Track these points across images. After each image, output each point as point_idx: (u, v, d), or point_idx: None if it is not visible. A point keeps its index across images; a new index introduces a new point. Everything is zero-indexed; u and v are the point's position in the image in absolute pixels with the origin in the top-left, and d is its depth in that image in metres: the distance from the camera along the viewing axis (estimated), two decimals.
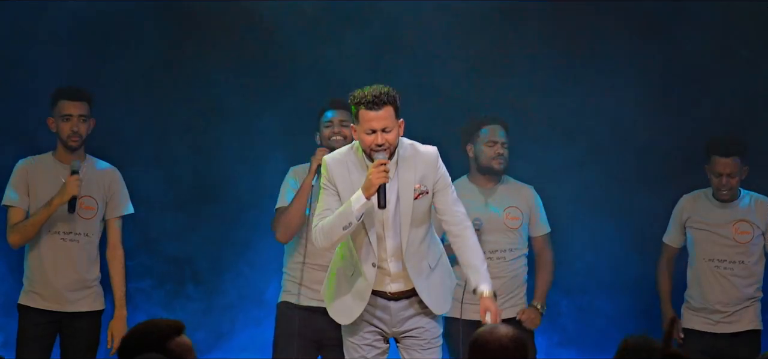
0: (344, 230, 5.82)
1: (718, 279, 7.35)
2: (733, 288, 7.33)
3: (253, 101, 8.06)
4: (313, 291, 7.02)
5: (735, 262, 7.35)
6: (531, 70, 8.09)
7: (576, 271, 8.06)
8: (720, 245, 7.34)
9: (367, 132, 5.82)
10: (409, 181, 5.92)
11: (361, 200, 5.79)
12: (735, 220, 7.36)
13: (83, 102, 6.97)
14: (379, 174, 5.76)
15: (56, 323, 6.92)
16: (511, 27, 8.08)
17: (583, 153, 8.02)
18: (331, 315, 6.14)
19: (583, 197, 7.99)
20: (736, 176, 7.32)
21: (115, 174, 7.09)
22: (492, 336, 4.48)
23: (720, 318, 7.35)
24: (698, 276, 7.39)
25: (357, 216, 5.79)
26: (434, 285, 6.04)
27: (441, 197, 5.99)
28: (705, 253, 7.37)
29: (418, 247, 5.97)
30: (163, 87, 8.04)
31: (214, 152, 8.08)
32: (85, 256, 6.95)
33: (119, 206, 7.06)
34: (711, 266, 7.35)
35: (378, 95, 5.81)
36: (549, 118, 8.08)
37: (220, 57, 8.04)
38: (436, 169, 5.97)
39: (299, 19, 8.02)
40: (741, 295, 7.34)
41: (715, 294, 7.34)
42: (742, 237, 7.35)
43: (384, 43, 7.98)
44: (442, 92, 8.03)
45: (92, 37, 7.92)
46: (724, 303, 7.33)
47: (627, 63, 8.02)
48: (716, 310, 7.34)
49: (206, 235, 8.06)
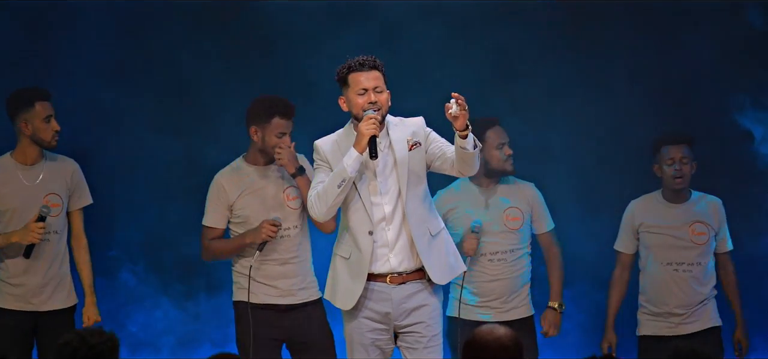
0: (339, 187, 5.87)
1: (677, 281, 7.33)
2: (691, 290, 7.32)
3: (246, 97, 7.95)
4: (268, 287, 6.86)
5: (693, 264, 7.33)
6: (532, 71, 8.12)
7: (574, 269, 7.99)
8: (677, 249, 7.34)
9: (358, 93, 5.94)
10: (400, 138, 6.00)
11: (352, 155, 5.86)
12: (691, 221, 7.36)
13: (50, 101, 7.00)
14: (368, 125, 5.85)
15: (31, 322, 6.91)
16: (513, 26, 8.11)
17: (584, 154, 8.07)
18: (336, 303, 6.10)
19: (584, 197, 8.04)
20: (687, 163, 7.34)
21: (75, 166, 7.09)
22: (491, 336, 4.49)
23: (680, 321, 7.34)
24: (655, 281, 7.37)
25: (350, 170, 5.85)
26: (436, 252, 6.04)
27: (435, 142, 6.05)
28: (662, 257, 7.35)
29: (419, 205, 5.99)
30: (155, 81, 8.08)
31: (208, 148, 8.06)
32: (55, 253, 6.95)
33: (81, 197, 7.08)
34: (669, 269, 7.34)
35: (365, 58, 5.97)
36: (550, 118, 8.11)
37: (215, 54, 8.09)
38: (425, 127, 6.07)
39: (299, 18, 8.06)
40: (699, 296, 7.34)
41: (675, 297, 7.33)
42: (698, 238, 7.35)
43: (383, 43, 7.98)
44: (443, 92, 7.95)
45: (90, 33, 7.98)
46: (684, 306, 7.33)
47: (628, 63, 8.08)
48: (675, 313, 7.34)
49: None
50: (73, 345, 4.39)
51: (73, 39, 7.95)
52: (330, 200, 5.90)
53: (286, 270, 6.88)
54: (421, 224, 5.99)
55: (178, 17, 8.04)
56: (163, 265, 8.10)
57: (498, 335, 4.49)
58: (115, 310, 7.92)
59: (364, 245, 5.96)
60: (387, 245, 5.98)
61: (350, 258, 6.02)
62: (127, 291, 8.08)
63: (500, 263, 7.30)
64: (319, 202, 5.93)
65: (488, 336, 4.50)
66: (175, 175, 8.06)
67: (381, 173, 5.96)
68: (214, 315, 8.07)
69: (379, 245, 5.97)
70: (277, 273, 6.83)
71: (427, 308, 6.02)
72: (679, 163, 7.32)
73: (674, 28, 8.07)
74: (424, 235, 5.99)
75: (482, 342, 4.48)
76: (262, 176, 6.93)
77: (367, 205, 5.95)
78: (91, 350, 4.38)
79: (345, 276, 6.02)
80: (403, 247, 5.98)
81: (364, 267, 5.97)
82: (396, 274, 5.99)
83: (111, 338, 4.44)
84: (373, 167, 5.96)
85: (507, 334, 4.50)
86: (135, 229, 8.06)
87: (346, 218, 6.03)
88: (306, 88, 7.88)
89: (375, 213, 5.96)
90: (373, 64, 5.96)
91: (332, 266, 6.11)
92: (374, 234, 5.95)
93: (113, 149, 8.02)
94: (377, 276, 5.99)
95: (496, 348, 4.45)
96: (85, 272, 7.08)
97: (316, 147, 6.07)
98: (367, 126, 5.85)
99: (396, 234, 5.97)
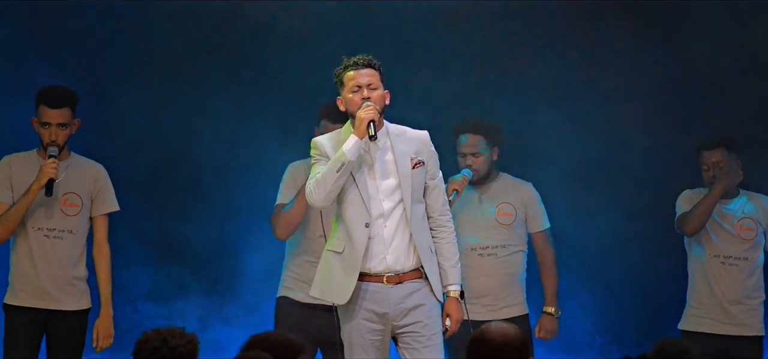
0: (338, 172, 5.86)
1: (724, 275, 7.36)
2: (738, 284, 7.35)
3: (245, 100, 8.09)
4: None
5: (740, 258, 7.37)
6: (532, 71, 8.09)
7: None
8: (724, 242, 7.37)
9: (353, 90, 5.96)
10: (405, 152, 6.00)
11: (352, 140, 5.87)
12: (740, 217, 7.42)
13: (64, 108, 6.84)
14: (367, 110, 5.88)
15: (42, 321, 6.85)
16: (513, 27, 8.10)
17: (586, 154, 8.04)
18: (326, 297, 6.06)
19: (584, 197, 8.01)
20: (724, 166, 7.36)
21: (101, 171, 7.00)
22: (498, 334, 4.44)
23: (724, 320, 7.36)
24: (702, 273, 7.39)
25: (350, 155, 5.85)
26: (436, 270, 6.04)
27: (431, 178, 6.06)
28: (711, 249, 7.39)
29: (421, 222, 6.00)
30: (156, 84, 8.07)
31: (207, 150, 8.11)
32: (69, 254, 6.86)
33: (105, 203, 6.98)
34: (717, 262, 7.37)
35: (360, 57, 5.99)
36: (551, 118, 8.07)
37: (214, 55, 8.09)
38: (429, 146, 6.09)
39: (299, 17, 8.05)
40: (746, 291, 7.36)
41: (721, 290, 7.35)
42: (747, 234, 7.40)
43: (382, 42, 7.93)
44: (442, 92, 8.06)
45: (89, 34, 7.96)
46: (731, 300, 7.35)
47: (629, 63, 8.05)
48: (722, 309, 7.35)
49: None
50: (153, 344, 4.28)
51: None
52: (329, 184, 5.87)
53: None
54: (425, 239, 6.00)
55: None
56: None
57: (504, 333, 4.44)
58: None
59: (358, 238, 5.92)
60: (383, 242, 5.95)
61: (343, 253, 5.97)
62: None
63: (490, 258, 7.28)
64: (318, 187, 5.89)
65: (494, 333, 4.45)
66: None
67: (381, 171, 5.96)
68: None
69: (376, 241, 5.94)
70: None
71: (424, 307, 5.99)
72: (712, 167, 7.38)
73: (675, 29, 8.09)
74: (427, 251, 5.99)
75: (488, 340, 4.44)
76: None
77: (366, 199, 5.93)
78: (172, 352, 4.27)
79: (338, 270, 5.97)
80: (399, 245, 5.96)
81: (357, 261, 5.92)
82: (393, 273, 5.96)
83: (192, 340, 4.33)
84: (373, 164, 5.95)
85: (513, 332, 4.46)
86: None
87: (342, 212, 5.99)
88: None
89: (373, 208, 5.93)
90: (367, 62, 5.98)
91: (323, 263, 6.05)
92: (371, 228, 5.92)
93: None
94: (374, 276, 5.96)
95: (502, 346, 4.40)
96: (103, 282, 6.93)
97: (314, 143, 6.05)
98: (365, 112, 5.87)
99: (393, 232, 5.95)
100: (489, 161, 7.35)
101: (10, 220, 6.74)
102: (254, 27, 8.09)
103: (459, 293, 6.03)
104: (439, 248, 6.05)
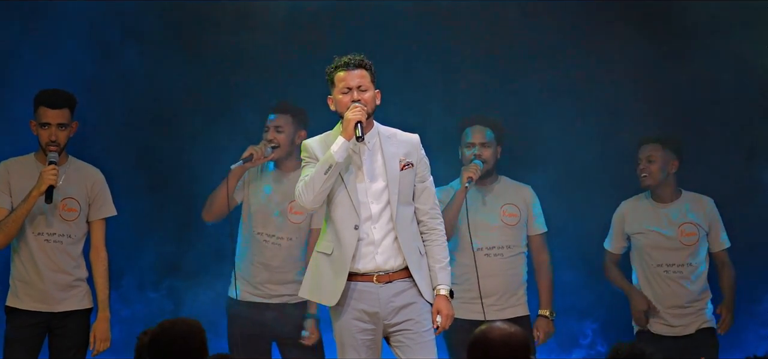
0: (325, 174, 5.87)
1: (668, 283, 7.33)
2: (683, 291, 7.32)
3: (236, 100, 8.11)
4: (253, 287, 7.24)
5: (683, 265, 7.35)
6: (531, 71, 8.12)
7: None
8: (666, 250, 7.35)
9: (342, 91, 5.96)
10: (394, 154, 6.00)
11: (340, 141, 5.88)
12: (680, 223, 7.38)
13: (63, 109, 6.86)
14: (354, 112, 5.87)
15: (45, 324, 6.87)
16: (514, 27, 8.12)
17: (585, 155, 8.07)
18: (316, 299, 6.11)
19: (584, 197, 8.02)
20: (655, 162, 7.39)
21: (99, 176, 7.03)
22: (499, 332, 4.42)
23: (673, 322, 7.35)
24: (647, 283, 7.39)
25: (338, 156, 5.86)
26: (425, 272, 6.02)
27: (421, 181, 6.06)
28: (652, 259, 7.37)
29: (409, 224, 5.99)
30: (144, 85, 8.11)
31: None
32: (68, 257, 6.89)
33: (102, 208, 7.00)
34: (659, 271, 7.35)
35: (351, 57, 5.97)
36: (549, 119, 8.10)
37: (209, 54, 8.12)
38: (419, 150, 6.08)
39: (298, 17, 8.06)
40: (691, 296, 7.33)
41: (667, 298, 7.33)
42: (688, 239, 7.37)
43: (381, 43, 7.93)
44: (443, 91, 8.08)
45: (88, 36, 7.99)
46: (676, 307, 7.33)
47: (629, 62, 8.07)
48: (669, 314, 7.34)
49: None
50: (159, 336, 4.33)
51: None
52: (317, 186, 5.87)
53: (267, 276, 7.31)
54: (413, 241, 5.99)
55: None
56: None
57: (506, 333, 4.43)
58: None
59: (347, 239, 5.92)
60: (373, 243, 5.95)
61: (332, 254, 5.97)
62: None
63: (497, 258, 7.30)
64: (307, 190, 5.90)
65: (495, 334, 4.43)
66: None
67: (369, 173, 5.96)
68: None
69: (365, 243, 5.94)
70: (266, 279, 7.13)
71: (416, 305, 5.98)
72: (645, 162, 7.39)
73: (675, 34, 8.10)
74: (414, 253, 5.98)
75: (489, 340, 4.41)
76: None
77: (355, 202, 5.93)
78: (183, 340, 4.33)
79: (328, 271, 5.97)
80: (388, 246, 5.95)
81: (346, 262, 5.92)
82: (383, 273, 5.96)
83: (197, 328, 4.40)
84: (362, 166, 5.95)
85: (514, 332, 4.44)
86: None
87: (331, 214, 5.98)
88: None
89: (362, 211, 5.93)
90: (358, 63, 5.96)
91: (312, 265, 6.05)
92: (360, 230, 5.92)
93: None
94: (364, 276, 5.96)
95: (503, 346, 4.38)
96: (101, 286, 6.96)
97: (304, 146, 6.05)
98: (353, 113, 5.87)
99: (382, 234, 5.95)
100: (495, 155, 7.37)
101: (10, 226, 6.76)
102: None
103: (448, 292, 6.00)
104: (429, 250, 6.04)
